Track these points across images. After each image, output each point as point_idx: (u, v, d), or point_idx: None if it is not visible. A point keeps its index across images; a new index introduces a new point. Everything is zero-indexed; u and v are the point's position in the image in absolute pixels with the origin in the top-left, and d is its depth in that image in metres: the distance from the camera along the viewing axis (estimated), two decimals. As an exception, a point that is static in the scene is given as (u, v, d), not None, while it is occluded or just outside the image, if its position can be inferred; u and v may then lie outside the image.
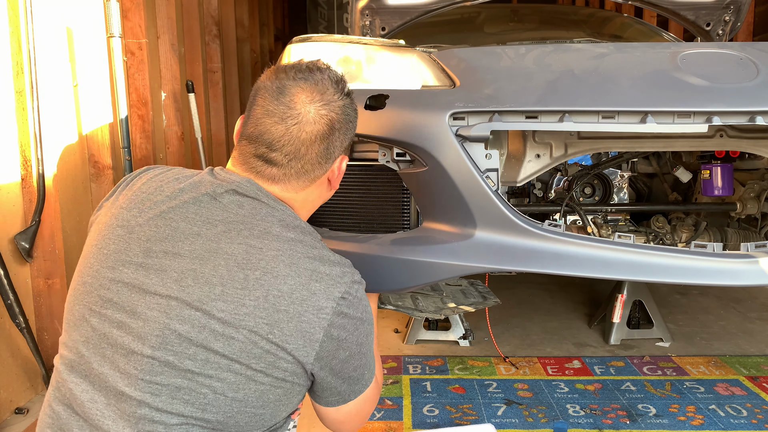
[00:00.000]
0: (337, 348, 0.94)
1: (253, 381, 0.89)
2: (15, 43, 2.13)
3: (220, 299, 0.88)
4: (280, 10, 8.65)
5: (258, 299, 0.88)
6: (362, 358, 0.99)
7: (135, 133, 3.22)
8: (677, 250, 1.40)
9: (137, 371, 0.87)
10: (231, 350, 0.87)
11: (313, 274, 0.92)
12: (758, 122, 1.36)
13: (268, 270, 0.90)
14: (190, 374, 0.87)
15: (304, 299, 0.90)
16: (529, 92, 1.44)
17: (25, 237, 2.13)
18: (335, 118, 1.00)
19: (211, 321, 0.87)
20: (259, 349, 0.88)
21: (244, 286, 0.88)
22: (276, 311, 0.88)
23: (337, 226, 1.64)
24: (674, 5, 2.70)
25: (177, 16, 3.76)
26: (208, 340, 0.87)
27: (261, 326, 0.88)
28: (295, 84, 0.98)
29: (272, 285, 0.89)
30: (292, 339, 0.89)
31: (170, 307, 0.88)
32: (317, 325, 0.91)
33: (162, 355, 0.87)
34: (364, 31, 2.73)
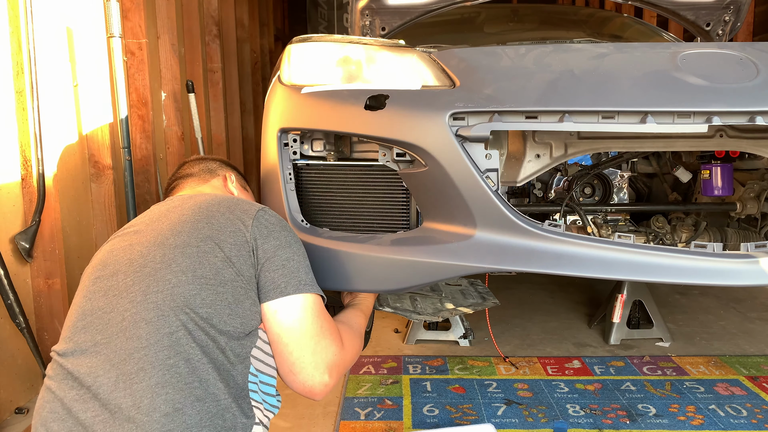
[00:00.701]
0: (267, 234, 1.21)
1: (206, 260, 1.13)
2: (15, 43, 2.13)
3: (164, 219, 1.23)
4: (280, 10, 8.64)
5: (192, 208, 1.23)
6: (293, 254, 1.22)
7: (135, 133, 3.22)
8: (677, 250, 1.40)
9: (133, 285, 1.13)
10: (181, 240, 1.16)
11: (235, 199, 1.28)
12: (758, 122, 1.36)
13: (198, 197, 1.29)
14: (154, 271, 1.12)
15: (232, 207, 1.24)
16: (529, 92, 1.44)
17: (25, 237, 2.13)
18: None
19: (162, 232, 1.19)
20: (203, 235, 1.17)
21: (181, 206, 1.25)
22: (210, 212, 1.21)
23: (337, 226, 1.64)
24: (674, 5, 2.70)
25: (177, 16, 3.76)
26: (160, 240, 1.17)
27: (200, 220, 1.19)
28: None
29: (203, 200, 1.26)
30: (228, 225, 1.19)
31: (147, 248, 1.17)
32: (246, 217, 1.21)
33: (132, 271, 1.14)
34: (364, 31, 2.73)
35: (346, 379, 2.38)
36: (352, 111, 1.47)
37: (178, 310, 1.07)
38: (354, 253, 1.52)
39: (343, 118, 1.48)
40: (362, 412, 2.10)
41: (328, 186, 1.64)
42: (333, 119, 1.49)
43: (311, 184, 1.65)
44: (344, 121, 1.48)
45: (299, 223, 1.61)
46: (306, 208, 1.65)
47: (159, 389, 1.00)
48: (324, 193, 1.65)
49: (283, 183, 1.59)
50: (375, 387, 2.30)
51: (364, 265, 1.52)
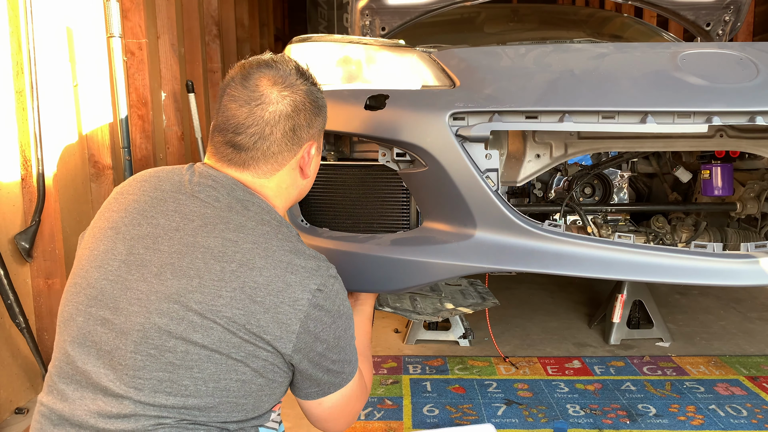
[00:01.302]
0: (314, 340, 0.95)
1: (234, 371, 0.91)
2: (15, 43, 2.13)
3: (197, 291, 0.90)
4: (280, 10, 8.65)
5: (234, 290, 0.90)
6: (341, 352, 1.01)
7: (135, 133, 3.22)
8: (677, 250, 1.40)
9: (121, 366, 0.90)
10: (210, 340, 0.89)
11: (288, 266, 0.94)
12: (758, 122, 1.36)
13: (244, 262, 0.92)
14: (171, 366, 0.89)
15: (280, 291, 0.92)
16: (529, 92, 1.44)
17: (25, 237, 2.13)
18: (298, 100, 1.03)
19: (189, 313, 0.90)
20: (238, 339, 0.90)
21: (220, 278, 0.91)
22: (252, 302, 0.90)
23: (337, 226, 1.64)
24: (674, 5, 2.70)
25: (177, 16, 3.76)
26: (187, 332, 0.89)
27: (238, 316, 0.90)
28: (258, 71, 1.02)
29: (248, 276, 0.91)
30: (270, 329, 0.91)
31: (150, 301, 0.91)
32: (293, 317, 0.92)
33: (144, 349, 0.89)
34: (364, 31, 2.73)
35: (346, 379, 2.38)
36: (352, 111, 1.47)
37: (182, 421, 0.91)
38: (354, 253, 1.52)
39: (343, 118, 1.48)
40: (362, 412, 2.10)
41: (328, 186, 1.64)
42: (333, 119, 1.49)
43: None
44: (344, 121, 1.48)
45: (299, 223, 1.61)
46: (306, 208, 1.65)
47: None
48: (324, 193, 1.65)
49: None
50: (375, 387, 2.30)
51: (364, 265, 1.52)
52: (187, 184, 1.00)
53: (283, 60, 1.06)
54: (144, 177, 1.05)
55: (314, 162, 1.11)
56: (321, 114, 1.10)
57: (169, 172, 1.05)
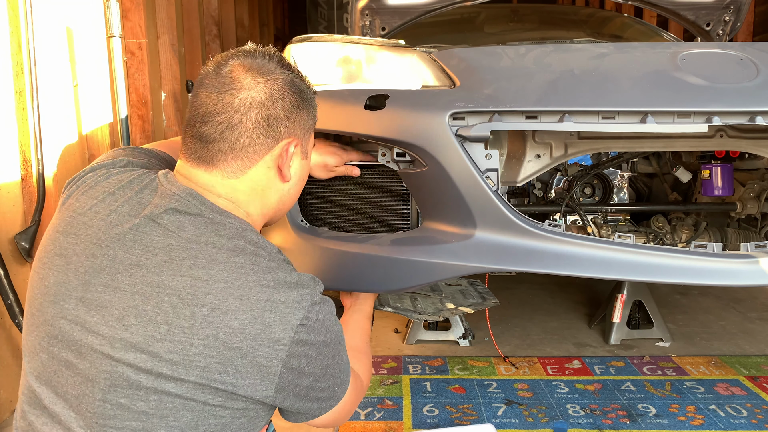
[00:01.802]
0: (298, 377, 0.88)
1: (213, 416, 0.84)
2: (15, 43, 2.13)
3: (166, 339, 0.81)
4: (280, 10, 8.65)
5: (207, 338, 0.81)
6: (329, 379, 0.93)
7: (135, 133, 3.22)
8: (677, 250, 1.40)
9: (90, 414, 0.83)
10: (184, 389, 0.82)
11: (266, 304, 0.84)
12: (758, 122, 1.36)
13: (216, 306, 0.82)
14: (145, 416, 0.82)
15: (258, 333, 0.83)
16: (529, 92, 1.44)
17: (25, 237, 2.13)
18: (275, 88, 0.92)
19: (158, 363, 0.81)
20: (213, 389, 0.83)
21: (191, 324, 0.81)
22: (228, 349, 0.82)
23: (337, 226, 1.64)
24: (674, 5, 2.70)
25: (177, 16, 3.76)
26: (158, 382, 0.82)
27: (213, 365, 0.82)
28: (235, 59, 0.93)
29: (222, 322, 0.82)
30: (248, 375, 0.83)
31: (114, 348, 0.82)
32: (274, 358, 0.84)
33: (113, 398, 0.82)
34: (364, 31, 2.73)
35: (346, 379, 2.38)
36: (352, 111, 1.47)
37: None
38: (354, 253, 1.52)
39: (343, 118, 1.48)
40: (362, 413, 2.10)
41: (327, 186, 1.64)
42: (333, 119, 1.49)
43: (311, 183, 1.65)
44: (344, 121, 1.48)
45: (299, 223, 1.61)
46: (306, 208, 1.65)
47: None
48: (324, 193, 1.64)
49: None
50: (375, 387, 2.30)
51: (364, 265, 1.52)
52: (147, 205, 0.89)
53: (266, 50, 0.96)
54: (97, 192, 0.93)
55: (296, 164, 0.99)
56: (305, 110, 0.98)
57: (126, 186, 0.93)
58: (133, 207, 0.89)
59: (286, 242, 1.61)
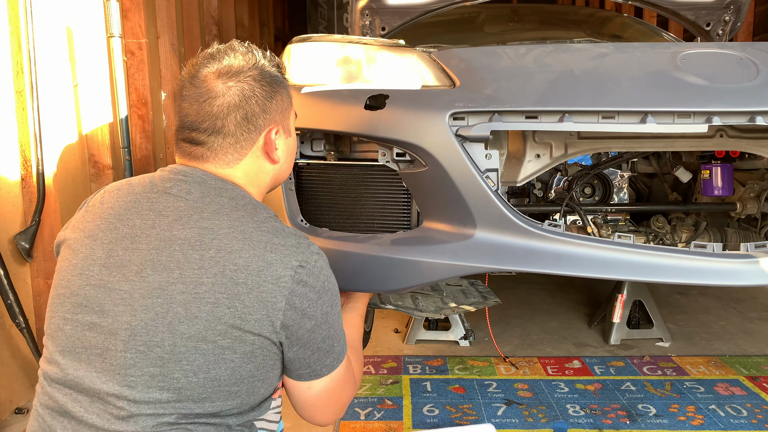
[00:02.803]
0: (301, 317, 0.95)
1: (223, 359, 0.91)
2: (15, 43, 2.13)
3: (179, 282, 0.91)
4: (280, 10, 8.64)
5: (215, 275, 0.91)
6: (329, 328, 1.01)
7: (135, 133, 3.22)
8: (677, 250, 1.40)
9: (112, 367, 0.90)
10: (196, 330, 0.90)
11: (267, 245, 0.94)
12: (758, 122, 1.36)
13: (222, 247, 0.92)
14: (161, 361, 0.90)
15: (261, 269, 0.92)
16: (529, 92, 1.44)
17: (25, 237, 2.13)
18: (246, 88, 1.02)
19: (172, 305, 0.90)
20: (223, 324, 0.90)
21: (200, 265, 0.91)
22: (234, 284, 0.91)
23: (337, 226, 1.64)
24: (674, 5, 2.70)
25: (177, 16, 3.76)
26: (172, 325, 0.90)
27: (222, 300, 0.90)
28: (204, 67, 1.03)
29: (228, 260, 0.92)
30: (255, 310, 0.91)
31: (133, 299, 0.91)
32: (278, 294, 0.92)
33: (133, 347, 0.90)
34: (364, 31, 2.73)
35: (346, 379, 2.38)
36: (352, 111, 1.47)
37: (181, 416, 0.91)
38: (354, 253, 1.52)
39: (343, 118, 1.48)
40: (362, 412, 2.10)
41: (328, 186, 1.64)
42: (333, 119, 1.49)
43: (311, 183, 1.65)
44: (344, 121, 1.48)
45: (299, 223, 1.61)
46: (306, 207, 1.65)
47: None
48: (324, 193, 1.64)
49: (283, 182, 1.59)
50: (375, 387, 2.30)
51: (364, 265, 1.52)
52: (158, 182, 1.01)
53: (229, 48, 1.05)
54: (116, 186, 1.06)
55: (281, 145, 1.08)
56: (277, 95, 1.07)
57: (141, 177, 1.06)
58: (145, 187, 1.01)
59: (286, 242, 1.61)
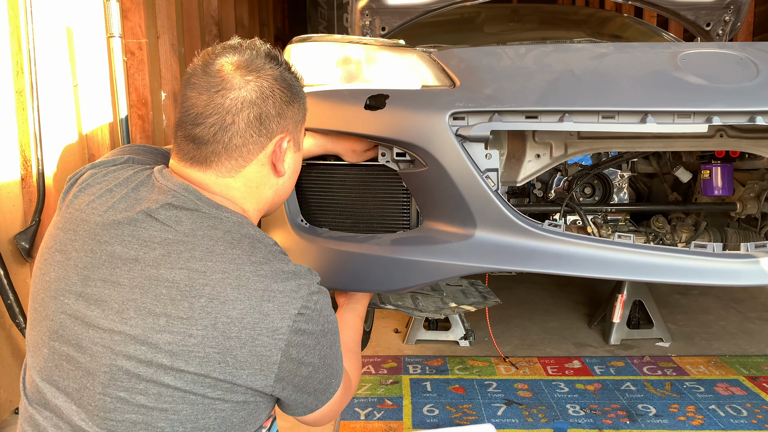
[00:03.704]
0: (297, 366, 0.89)
1: (212, 409, 0.85)
2: (15, 43, 2.13)
3: (165, 331, 0.82)
4: (280, 10, 8.65)
5: (206, 328, 0.82)
6: (327, 369, 0.95)
7: (135, 133, 3.22)
8: (677, 250, 1.40)
9: (91, 407, 0.84)
10: (183, 383, 0.83)
11: (264, 293, 0.85)
12: (758, 122, 1.36)
13: (214, 296, 0.83)
14: (144, 409, 0.83)
15: (257, 323, 0.84)
16: (529, 92, 1.44)
17: (25, 237, 2.13)
18: (265, 86, 0.92)
19: (158, 355, 0.82)
20: (213, 379, 0.83)
21: (189, 315, 0.82)
22: (227, 339, 0.83)
23: (337, 226, 1.64)
24: (674, 5, 2.70)
25: (177, 16, 3.76)
26: (157, 375, 0.82)
27: (212, 355, 0.83)
28: (222, 56, 0.93)
29: (220, 312, 0.83)
30: (248, 365, 0.84)
31: (114, 341, 0.83)
32: (273, 347, 0.85)
33: (113, 392, 0.83)
34: (364, 31, 2.73)
35: (346, 379, 2.38)
36: (352, 111, 1.47)
37: None
38: (354, 253, 1.52)
39: (343, 118, 1.48)
40: (362, 412, 2.10)
41: (328, 186, 1.64)
42: (333, 119, 1.49)
43: (311, 183, 1.65)
44: (344, 121, 1.48)
45: (299, 223, 1.61)
46: (306, 207, 1.65)
47: None
48: (324, 192, 1.64)
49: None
50: (375, 387, 2.30)
51: (364, 265, 1.52)
52: (144, 195, 0.90)
53: (251, 44, 0.95)
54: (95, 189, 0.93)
55: (289, 158, 0.99)
56: (295, 103, 0.98)
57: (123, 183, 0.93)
58: (129, 203, 0.90)
59: (286, 242, 1.61)
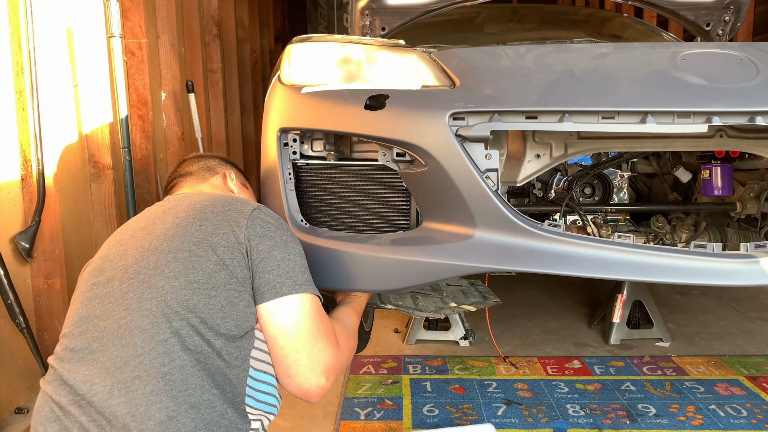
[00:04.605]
0: (262, 234, 1.19)
1: (199, 265, 1.12)
2: (15, 43, 2.13)
3: (159, 224, 1.20)
4: (280, 10, 8.64)
5: (187, 210, 1.21)
6: (288, 254, 1.20)
7: (135, 133, 3.22)
8: (677, 250, 1.40)
9: (119, 287, 1.13)
10: (173, 245, 1.14)
11: (231, 198, 1.26)
12: (758, 122, 1.35)
13: (194, 203, 1.23)
14: (147, 277, 1.11)
15: (226, 206, 1.22)
16: (529, 92, 1.44)
17: (25, 237, 2.13)
18: None
19: (157, 237, 1.17)
20: (196, 238, 1.14)
21: (176, 210, 1.22)
22: (203, 214, 1.19)
23: (336, 226, 1.64)
24: (674, 5, 2.70)
25: (177, 16, 3.76)
26: (154, 242, 1.16)
27: (193, 222, 1.17)
28: None
29: (197, 201, 1.23)
30: (221, 227, 1.17)
31: (140, 250, 1.17)
32: (240, 217, 1.19)
33: (133, 267, 1.15)
34: (364, 31, 2.73)
35: (345, 379, 2.38)
36: (352, 111, 1.47)
37: (171, 317, 1.06)
38: (353, 253, 1.52)
39: (343, 118, 1.48)
40: (362, 412, 2.10)
41: (327, 186, 1.64)
42: (333, 119, 1.49)
43: (311, 183, 1.65)
44: (344, 121, 1.48)
45: (299, 223, 1.61)
46: (306, 207, 1.65)
47: (154, 397, 1.00)
48: (324, 193, 1.64)
49: (282, 183, 1.59)
50: (375, 387, 2.30)
51: (363, 265, 1.52)
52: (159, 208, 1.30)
53: None
54: None
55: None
56: None
57: None
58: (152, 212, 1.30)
59: (286, 242, 1.61)
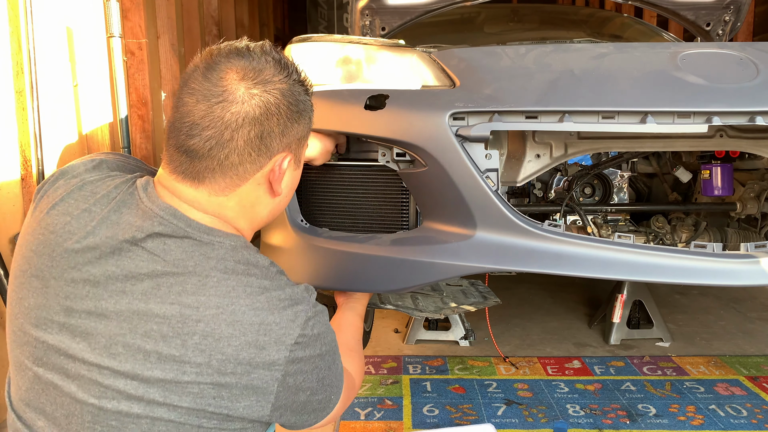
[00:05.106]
0: (295, 394, 0.85)
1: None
2: (15, 43, 2.13)
3: (156, 368, 0.78)
4: (280, 10, 8.64)
5: (200, 366, 0.79)
6: (325, 390, 0.91)
7: (135, 133, 3.22)
8: (677, 250, 1.40)
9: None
10: (177, 415, 0.79)
11: (260, 327, 0.81)
12: (758, 122, 1.35)
13: (207, 333, 0.79)
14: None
15: (252, 358, 0.80)
16: (529, 92, 1.44)
17: (25, 237, 2.13)
18: (271, 101, 0.84)
19: (150, 389, 0.79)
20: (208, 412, 0.80)
21: (182, 353, 0.78)
22: (222, 375, 0.79)
23: (337, 226, 1.64)
24: (674, 5, 2.70)
25: (177, 16, 3.76)
26: (149, 408, 0.79)
27: (206, 391, 0.79)
28: (227, 61, 0.84)
29: (215, 349, 0.79)
30: (244, 398, 0.81)
31: (102, 375, 0.79)
32: (270, 379, 0.81)
33: (104, 420, 0.79)
34: (364, 31, 2.73)
35: (346, 379, 2.38)
36: (352, 111, 1.47)
37: None
38: (354, 253, 1.52)
39: (343, 118, 1.48)
40: (362, 412, 2.10)
41: (327, 186, 1.64)
42: (333, 119, 1.49)
43: (311, 183, 1.65)
44: (344, 121, 1.48)
45: (299, 222, 1.61)
46: (306, 208, 1.65)
47: None
48: (324, 193, 1.64)
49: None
50: (375, 387, 2.30)
51: (363, 265, 1.52)
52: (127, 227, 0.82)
53: (261, 50, 0.86)
54: (70, 207, 0.85)
55: (288, 177, 0.93)
56: (302, 120, 0.90)
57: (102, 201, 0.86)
58: (111, 229, 0.83)
59: (285, 242, 1.61)
